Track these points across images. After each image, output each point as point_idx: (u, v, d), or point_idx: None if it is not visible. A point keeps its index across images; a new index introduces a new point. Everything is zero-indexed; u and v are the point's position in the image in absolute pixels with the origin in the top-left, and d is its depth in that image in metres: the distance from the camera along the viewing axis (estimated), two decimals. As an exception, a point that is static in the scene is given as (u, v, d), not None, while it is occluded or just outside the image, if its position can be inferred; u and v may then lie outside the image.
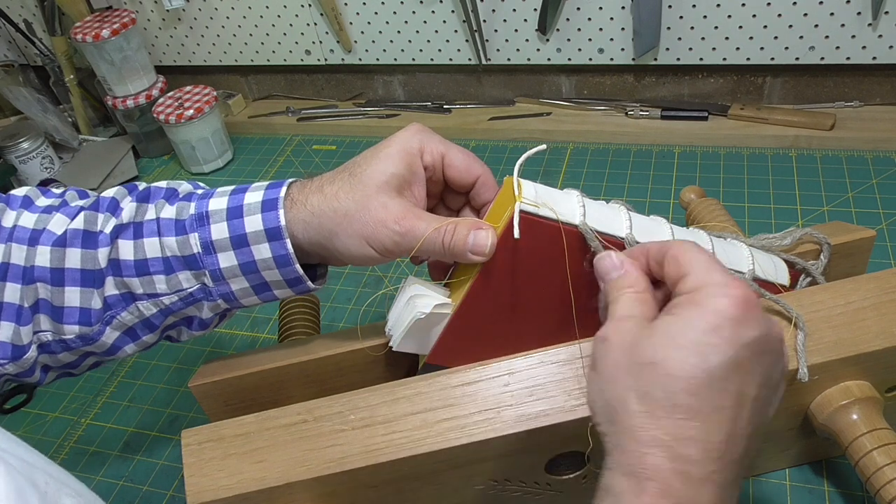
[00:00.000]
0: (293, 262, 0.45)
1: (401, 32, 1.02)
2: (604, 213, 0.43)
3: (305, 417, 0.46)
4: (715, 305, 0.32)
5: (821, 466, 0.54)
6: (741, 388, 0.32)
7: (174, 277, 0.46)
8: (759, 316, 0.33)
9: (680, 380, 0.31)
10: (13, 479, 0.26)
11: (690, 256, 0.35)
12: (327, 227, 0.44)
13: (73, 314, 0.47)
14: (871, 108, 0.88)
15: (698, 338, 0.32)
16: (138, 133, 1.12)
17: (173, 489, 0.62)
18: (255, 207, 0.45)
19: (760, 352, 0.32)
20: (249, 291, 0.47)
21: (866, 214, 0.75)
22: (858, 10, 0.81)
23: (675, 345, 0.32)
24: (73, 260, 0.46)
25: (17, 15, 1.18)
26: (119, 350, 0.49)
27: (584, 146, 0.95)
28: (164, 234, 0.46)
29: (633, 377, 0.33)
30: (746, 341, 0.32)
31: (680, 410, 0.31)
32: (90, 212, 0.47)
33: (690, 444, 0.31)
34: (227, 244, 0.45)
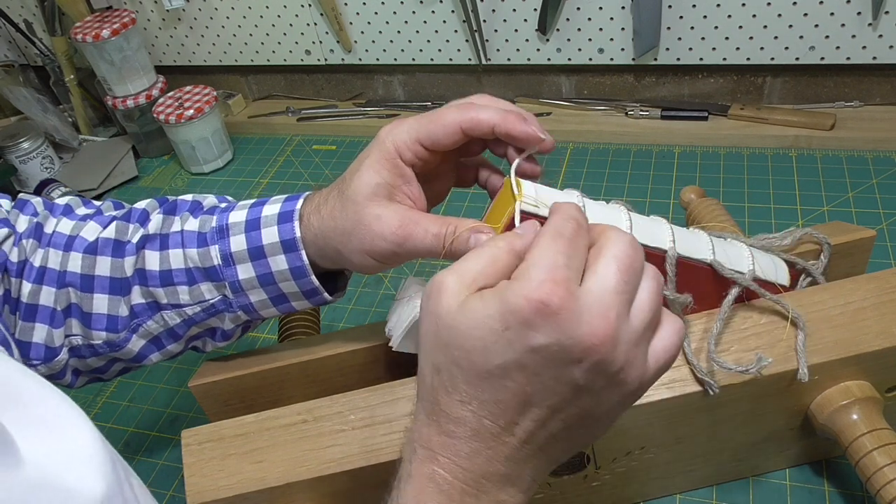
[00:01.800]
0: (309, 274, 0.45)
1: (401, 32, 1.02)
2: (604, 213, 0.43)
3: (305, 417, 0.46)
4: (512, 304, 0.31)
5: (821, 466, 0.54)
6: (522, 388, 0.32)
7: (196, 288, 0.47)
8: (559, 324, 0.30)
9: (462, 370, 0.32)
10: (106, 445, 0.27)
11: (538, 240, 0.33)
12: (332, 247, 0.44)
13: (101, 321, 0.48)
14: (871, 108, 0.88)
15: (487, 336, 0.31)
16: (138, 133, 1.12)
17: (173, 489, 0.62)
18: (272, 220, 0.45)
19: (553, 359, 0.31)
20: (268, 303, 0.47)
21: (866, 214, 0.75)
22: (858, 10, 0.81)
23: (467, 337, 0.32)
24: (103, 268, 0.48)
25: (17, 15, 1.18)
26: (145, 358, 0.50)
27: (584, 146, 0.95)
28: (187, 246, 0.47)
29: (433, 349, 0.33)
30: (532, 347, 0.31)
31: (457, 393, 0.32)
32: (122, 222, 0.49)
33: (459, 424, 0.32)
34: (245, 256, 0.45)
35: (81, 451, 0.26)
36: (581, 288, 0.31)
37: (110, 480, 0.26)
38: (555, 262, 0.31)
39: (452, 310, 0.32)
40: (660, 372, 0.34)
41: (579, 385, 0.32)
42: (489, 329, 0.31)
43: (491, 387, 0.32)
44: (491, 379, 0.32)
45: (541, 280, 0.31)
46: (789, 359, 0.44)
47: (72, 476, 0.25)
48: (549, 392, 0.32)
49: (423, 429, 0.34)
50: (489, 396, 0.32)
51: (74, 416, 0.27)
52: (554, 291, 0.30)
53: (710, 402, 0.45)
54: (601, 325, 0.31)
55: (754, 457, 0.52)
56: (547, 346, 0.30)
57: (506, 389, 0.32)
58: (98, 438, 0.27)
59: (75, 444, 0.26)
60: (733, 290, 0.46)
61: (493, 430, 0.32)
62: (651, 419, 0.45)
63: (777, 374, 0.44)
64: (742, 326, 0.46)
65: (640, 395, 0.35)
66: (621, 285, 0.32)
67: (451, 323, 0.32)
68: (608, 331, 0.31)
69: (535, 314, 0.30)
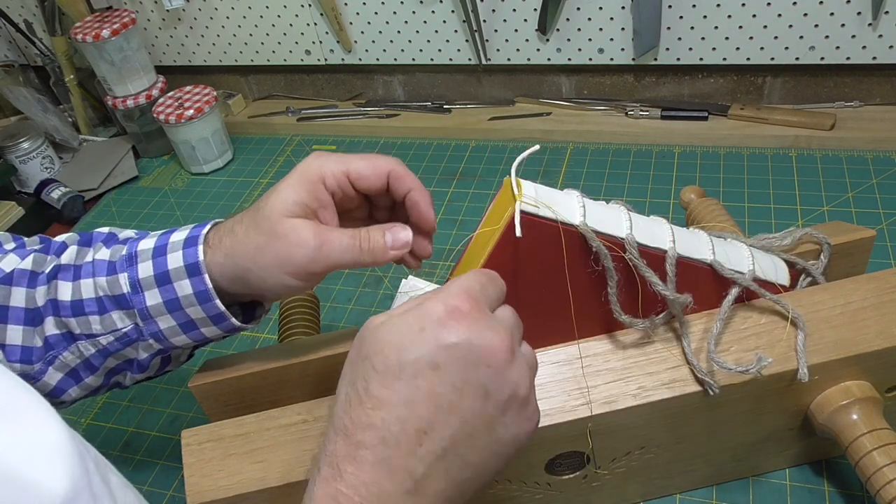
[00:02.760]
0: (213, 298, 0.45)
1: (401, 32, 1.02)
2: (604, 213, 0.43)
3: (305, 417, 0.46)
4: (428, 308, 0.34)
5: (821, 466, 0.54)
6: (433, 388, 0.33)
7: (108, 317, 0.46)
8: (469, 326, 0.34)
9: (378, 373, 0.34)
10: (74, 439, 0.27)
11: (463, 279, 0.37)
12: (241, 266, 0.44)
13: (16, 352, 0.47)
14: (871, 108, 0.88)
15: (404, 336, 0.34)
16: (138, 133, 1.12)
17: (173, 489, 0.62)
18: (178, 245, 0.45)
19: (463, 358, 0.33)
20: (177, 330, 0.47)
21: (866, 214, 0.75)
22: (858, 10, 0.81)
23: (386, 342, 0.34)
24: (18, 299, 0.47)
25: (17, 15, 1.18)
26: (63, 393, 0.49)
27: (584, 146, 0.95)
28: (97, 275, 0.47)
29: (351, 368, 0.35)
30: (445, 343, 0.33)
31: (370, 401, 0.33)
32: (39, 254, 0.49)
33: (369, 431, 0.33)
34: (152, 282, 0.45)
35: (46, 445, 0.25)
36: (492, 312, 0.36)
37: (76, 475, 0.25)
38: (469, 284, 0.36)
39: (374, 329, 0.35)
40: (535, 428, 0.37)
41: (487, 392, 0.34)
42: (407, 330, 0.34)
43: (404, 386, 0.33)
44: (404, 377, 0.33)
45: (456, 292, 0.35)
46: (789, 359, 0.44)
47: (34, 469, 0.24)
48: (458, 395, 0.33)
49: (329, 445, 0.34)
50: (401, 397, 0.33)
51: (40, 410, 0.26)
52: (467, 300, 0.34)
53: (710, 402, 0.45)
54: (504, 336, 0.35)
55: (754, 457, 0.52)
56: (457, 344, 0.33)
57: (417, 389, 0.33)
58: (64, 431, 0.26)
59: (39, 437, 0.25)
60: (733, 290, 0.46)
61: (402, 437, 0.33)
62: (651, 419, 0.45)
63: (777, 374, 0.44)
64: (742, 326, 0.46)
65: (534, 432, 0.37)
66: (516, 324, 0.37)
67: (372, 337, 0.35)
68: (508, 342, 0.35)
69: (448, 316, 0.34)
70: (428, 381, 0.33)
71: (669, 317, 0.46)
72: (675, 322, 0.46)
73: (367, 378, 0.34)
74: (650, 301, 0.44)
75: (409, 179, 0.46)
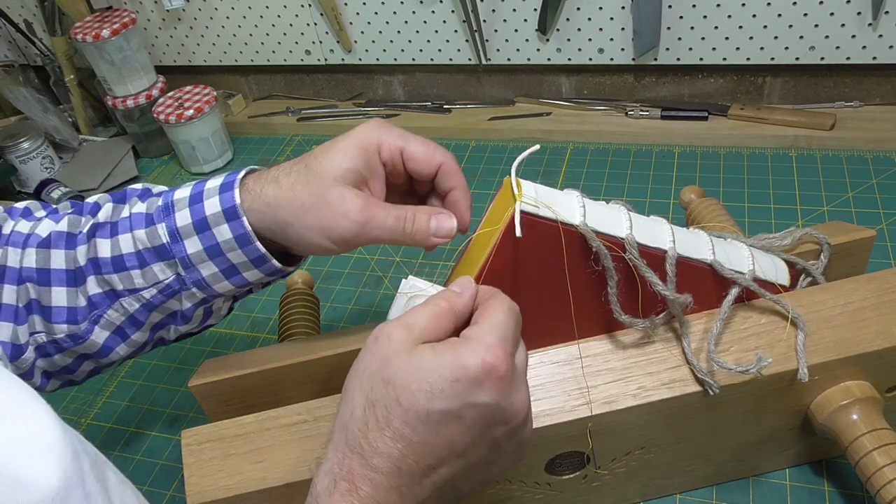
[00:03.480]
0: (253, 241, 0.45)
1: (401, 32, 1.02)
2: (604, 213, 0.43)
3: (305, 417, 0.46)
4: (465, 360, 0.34)
5: (821, 466, 0.54)
6: (454, 438, 0.35)
7: (149, 270, 0.47)
8: (502, 388, 0.34)
9: (402, 407, 0.34)
10: (67, 434, 0.27)
11: (492, 310, 0.37)
12: (282, 218, 0.44)
13: (61, 313, 0.48)
14: (871, 108, 0.88)
15: (436, 382, 0.34)
16: (138, 133, 1.12)
17: (173, 489, 0.62)
18: (214, 191, 0.46)
19: (489, 417, 0.35)
20: (220, 276, 0.47)
21: (866, 214, 0.75)
22: (858, 10, 0.81)
23: (414, 378, 0.34)
24: (58, 261, 0.48)
25: (17, 15, 1.18)
26: (111, 351, 0.50)
27: (584, 146, 0.95)
28: (135, 229, 0.47)
29: (371, 386, 0.35)
30: (475, 402, 0.34)
31: (390, 430, 0.34)
32: (74, 216, 0.49)
33: (385, 459, 0.34)
34: (191, 229, 0.45)
35: (39, 442, 0.25)
36: (518, 365, 0.37)
37: (69, 472, 0.25)
38: (505, 335, 0.36)
39: (401, 355, 0.35)
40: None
41: (498, 445, 0.36)
42: (439, 377, 0.34)
43: (426, 430, 0.34)
44: (428, 423, 0.34)
45: (494, 346, 0.35)
46: (789, 359, 0.44)
47: (26, 466, 0.24)
48: (473, 446, 0.35)
49: (344, 460, 0.35)
50: (420, 439, 0.34)
51: (34, 406, 0.26)
52: (504, 359, 0.34)
53: (710, 402, 0.45)
54: (526, 395, 0.36)
55: (754, 457, 0.52)
56: (487, 405, 0.34)
57: (438, 436, 0.34)
58: (58, 429, 0.26)
59: (32, 434, 0.25)
60: (733, 290, 0.46)
61: (414, 469, 0.34)
62: (651, 419, 0.45)
63: (777, 374, 0.44)
64: (742, 326, 0.46)
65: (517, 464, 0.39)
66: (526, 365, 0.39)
67: (400, 365, 0.35)
68: (528, 402, 0.37)
69: (485, 375, 0.34)
70: (449, 430, 0.34)
71: (669, 317, 0.46)
72: (675, 322, 0.46)
73: (390, 408, 0.34)
74: (650, 301, 0.44)
75: (456, 177, 0.46)
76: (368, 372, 0.36)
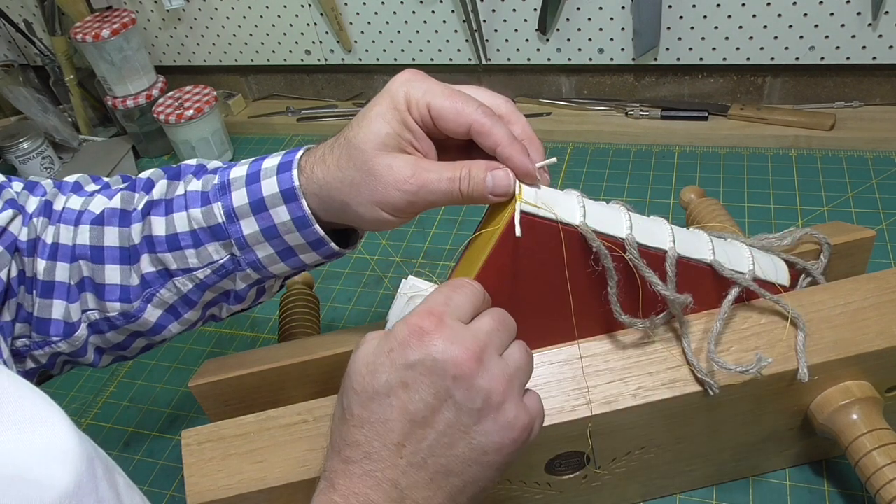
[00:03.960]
0: (312, 223, 0.44)
1: (401, 32, 1.02)
2: (604, 213, 0.43)
3: (305, 417, 0.46)
4: (395, 330, 0.36)
5: (821, 466, 0.54)
6: (406, 406, 0.35)
7: (204, 250, 0.46)
8: (430, 342, 0.35)
9: (357, 393, 0.36)
10: (83, 442, 0.27)
11: (430, 296, 0.38)
12: (338, 199, 0.43)
13: (115, 291, 0.48)
14: (871, 108, 0.88)
15: (375, 359, 0.36)
16: (138, 133, 1.12)
17: (173, 489, 0.62)
18: (272, 171, 0.44)
19: (428, 374, 0.35)
20: (275, 258, 0.46)
21: (866, 214, 0.75)
22: (858, 10, 0.81)
23: (361, 362, 0.36)
24: (111, 238, 0.47)
25: (17, 15, 1.18)
26: (164, 329, 0.49)
27: (584, 146, 0.95)
28: (190, 207, 0.46)
29: (342, 387, 0.37)
30: (410, 362, 0.35)
31: (353, 419, 0.36)
32: (127, 192, 0.49)
33: (354, 448, 0.35)
34: (248, 210, 0.44)
35: (54, 448, 0.26)
36: (460, 324, 0.36)
37: (83, 478, 0.26)
38: (435, 300, 0.37)
39: (357, 349, 0.37)
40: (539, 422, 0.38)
41: (457, 403, 0.35)
42: (376, 353, 0.36)
43: (379, 406, 0.35)
44: (378, 398, 0.35)
45: (419, 311, 0.36)
46: (789, 359, 0.44)
47: (43, 470, 0.25)
48: (429, 409, 0.35)
49: (326, 462, 0.37)
50: (378, 416, 0.35)
51: (50, 415, 0.27)
52: (428, 318, 0.36)
53: (710, 402, 0.45)
54: (469, 347, 0.35)
55: (754, 457, 0.52)
56: (421, 361, 0.35)
57: (391, 408, 0.35)
58: (73, 436, 0.27)
59: (49, 441, 0.26)
60: (733, 290, 0.46)
61: (383, 451, 0.35)
62: (651, 419, 0.45)
63: (777, 374, 0.44)
64: (742, 326, 0.46)
65: (526, 437, 0.37)
66: (493, 330, 0.37)
67: (353, 358, 0.37)
68: (475, 351, 0.35)
69: (410, 335, 0.35)
70: (399, 400, 0.35)
71: (669, 317, 0.46)
72: (675, 322, 0.46)
73: (348, 397, 0.36)
74: (650, 301, 0.44)
75: (494, 135, 0.41)
76: (343, 378, 0.38)
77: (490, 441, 0.36)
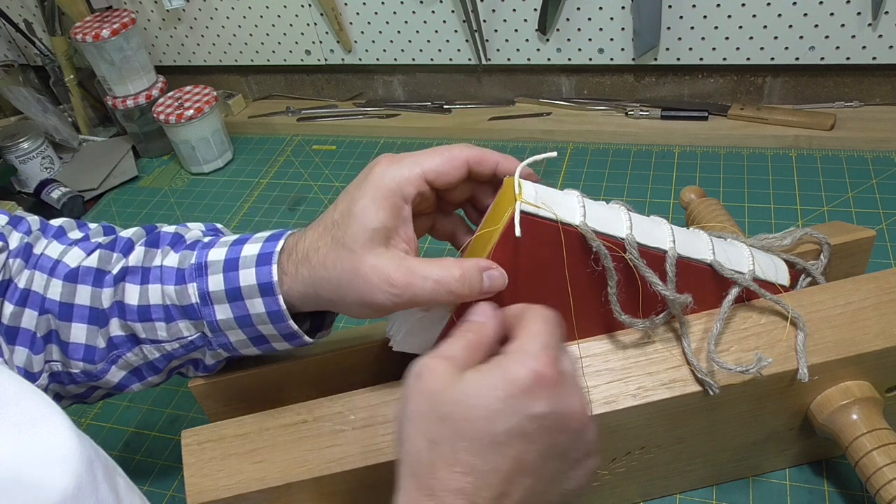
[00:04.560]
0: (286, 319, 0.44)
1: (401, 32, 1.02)
2: (604, 213, 0.43)
3: (305, 417, 0.46)
4: (513, 373, 0.34)
5: (821, 466, 0.54)
6: (521, 456, 0.34)
7: (174, 325, 0.46)
8: (556, 394, 0.34)
9: (465, 439, 0.34)
10: (83, 443, 0.28)
11: (529, 322, 0.37)
12: (325, 297, 0.43)
13: (79, 350, 0.47)
14: (871, 108, 0.88)
15: (491, 404, 0.34)
16: (138, 133, 1.12)
17: (173, 489, 0.62)
18: (251, 261, 0.44)
19: (550, 427, 0.34)
20: (247, 343, 0.46)
21: (866, 214, 0.75)
22: (858, 10, 0.81)
23: (470, 407, 0.34)
24: (83, 297, 0.47)
25: (17, 15, 1.18)
26: (126, 387, 0.50)
27: (584, 146, 0.95)
28: (165, 283, 0.46)
29: (427, 424, 0.35)
30: (533, 414, 0.34)
31: (459, 465, 0.34)
32: (105, 251, 0.48)
33: (458, 496, 0.33)
34: (223, 296, 0.44)
35: (54, 451, 0.26)
36: (570, 372, 0.37)
37: (83, 480, 0.26)
38: (547, 342, 0.36)
39: (449, 386, 0.35)
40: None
41: (565, 454, 0.36)
42: (494, 398, 0.34)
43: (493, 455, 0.34)
44: (494, 446, 0.34)
45: (538, 354, 0.35)
46: (789, 359, 0.44)
47: (42, 473, 0.25)
48: (541, 460, 0.35)
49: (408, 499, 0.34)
50: (489, 466, 0.34)
51: (51, 416, 0.27)
52: (550, 365, 0.35)
53: (710, 402, 0.45)
54: (582, 399, 0.36)
55: (754, 457, 0.52)
56: (545, 415, 0.34)
57: (506, 458, 0.34)
58: (74, 438, 0.27)
59: (48, 443, 0.26)
60: (733, 290, 0.46)
61: (488, 501, 0.34)
62: (651, 419, 0.45)
63: (777, 374, 0.44)
64: (742, 326, 0.46)
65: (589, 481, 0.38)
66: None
67: (453, 397, 0.34)
68: (585, 403, 0.36)
69: (535, 383, 0.34)
70: (515, 451, 0.34)
71: (669, 317, 0.46)
72: (675, 322, 0.46)
73: (454, 444, 0.34)
74: (650, 301, 0.44)
75: (490, 157, 0.44)
76: (420, 412, 0.35)
77: (576, 486, 0.37)
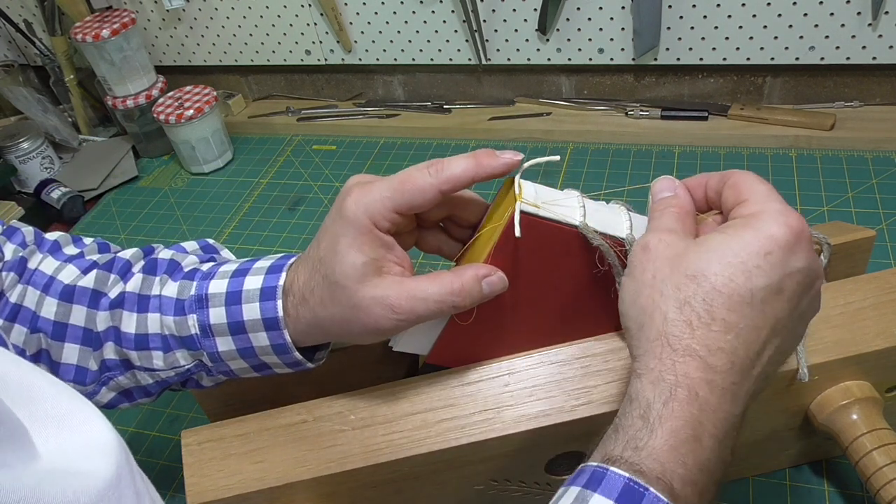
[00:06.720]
0: (291, 350, 0.44)
1: (401, 32, 1.02)
2: (604, 213, 0.43)
3: (305, 417, 0.46)
4: (770, 231, 0.33)
5: (821, 466, 0.54)
6: (777, 314, 0.33)
7: (172, 355, 0.45)
8: (809, 248, 0.34)
9: (723, 295, 0.33)
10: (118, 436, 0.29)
11: (751, 184, 0.36)
12: (332, 333, 0.43)
13: (70, 371, 0.47)
14: (871, 108, 0.88)
15: (748, 259, 0.33)
16: (138, 133, 1.12)
17: (173, 489, 0.62)
18: (254, 295, 0.43)
19: (803, 283, 0.34)
20: (249, 370, 0.46)
21: (866, 214, 0.75)
22: (858, 10, 0.81)
23: (724, 262, 0.33)
24: (78, 317, 0.46)
25: (17, 15, 1.18)
26: (115, 406, 0.49)
27: (584, 146, 0.95)
28: (164, 313, 0.45)
29: (675, 287, 0.34)
30: (792, 270, 0.33)
31: (717, 323, 0.33)
32: (102, 271, 0.47)
33: (720, 355, 0.32)
34: (226, 329, 0.44)
35: (94, 441, 0.28)
36: None
37: (123, 469, 0.27)
38: (781, 198, 0.35)
39: (692, 249, 0.34)
40: None
41: (804, 315, 0.36)
42: (749, 254, 0.33)
43: (752, 311, 0.33)
44: (753, 303, 0.33)
45: (787, 211, 0.34)
46: (789, 359, 0.44)
47: (86, 463, 0.26)
48: (790, 319, 0.34)
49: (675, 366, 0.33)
50: (748, 322, 0.33)
51: (86, 409, 0.29)
52: (801, 219, 0.34)
53: (710, 402, 0.45)
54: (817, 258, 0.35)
55: (754, 456, 0.52)
56: (801, 270, 0.34)
57: (763, 315, 0.33)
58: (110, 430, 0.29)
59: (88, 434, 0.28)
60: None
61: (745, 361, 0.33)
62: (651, 419, 0.45)
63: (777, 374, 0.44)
64: (742, 326, 0.46)
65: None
66: None
67: (701, 256, 0.34)
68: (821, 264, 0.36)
69: (796, 239, 0.33)
70: (772, 307, 0.33)
71: (669, 317, 0.46)
72: (675, 322, 0.46)
73: (710, 300, 0.33)
74: (650, 301, 0.44)
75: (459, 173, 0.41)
76: (661, 276, 0.34)
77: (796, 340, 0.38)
